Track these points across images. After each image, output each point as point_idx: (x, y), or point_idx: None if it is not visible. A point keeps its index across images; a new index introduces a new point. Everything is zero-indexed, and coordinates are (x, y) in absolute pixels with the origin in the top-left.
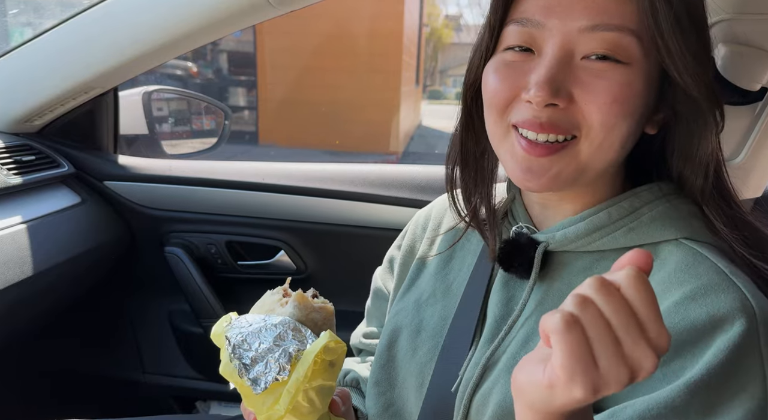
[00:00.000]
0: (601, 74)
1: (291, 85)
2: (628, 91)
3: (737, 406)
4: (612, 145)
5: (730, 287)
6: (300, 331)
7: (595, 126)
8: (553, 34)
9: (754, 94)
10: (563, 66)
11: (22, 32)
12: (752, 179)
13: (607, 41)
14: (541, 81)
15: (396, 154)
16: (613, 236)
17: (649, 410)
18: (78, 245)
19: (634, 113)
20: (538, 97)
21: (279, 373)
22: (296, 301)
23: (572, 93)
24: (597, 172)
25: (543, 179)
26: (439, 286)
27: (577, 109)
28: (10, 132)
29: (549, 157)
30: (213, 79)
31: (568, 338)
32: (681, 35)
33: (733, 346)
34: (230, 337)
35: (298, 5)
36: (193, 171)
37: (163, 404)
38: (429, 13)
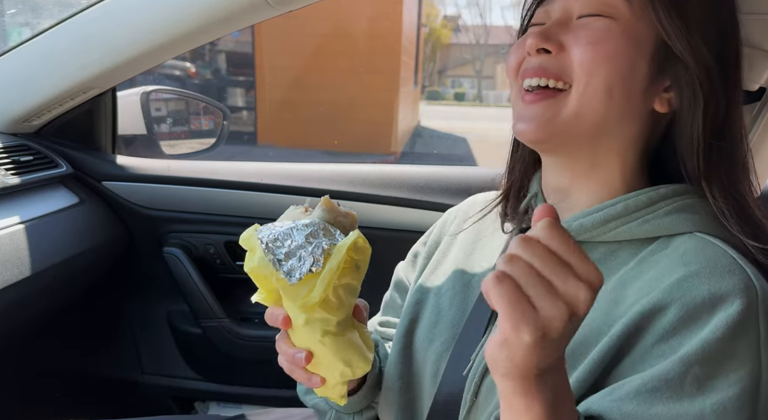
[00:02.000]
0: (586, 25)
1: (289, 86)
2: (606, 36)
3: (732, 383)
4: (596, 91)
5: (736, 269)
6: (329, 230)
7: (576, 69)
8: (557, 5)
9: (753, 94)
10: (560, 25)
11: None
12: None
13: (595, 1)
14: (537, 32)
15: (394, 155)
16: (629, 227)
17: (644, 384)
18: (76, 246)
19: (614, 59)
20: (531, 44)
21: (313, 265)
22: (324, 205)
23: (562, 41)
24: (590, 124)
25: (533, 124)
26: (459, 279)
27: (565, 56)
28: (8, 132)
29: (541, 102)
30: (211, 80)
31: (501, 290)
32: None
33: (732, 324)
34: (262, 237)
35: (297, 5)
36: (191, 171)
37: (162, 405)
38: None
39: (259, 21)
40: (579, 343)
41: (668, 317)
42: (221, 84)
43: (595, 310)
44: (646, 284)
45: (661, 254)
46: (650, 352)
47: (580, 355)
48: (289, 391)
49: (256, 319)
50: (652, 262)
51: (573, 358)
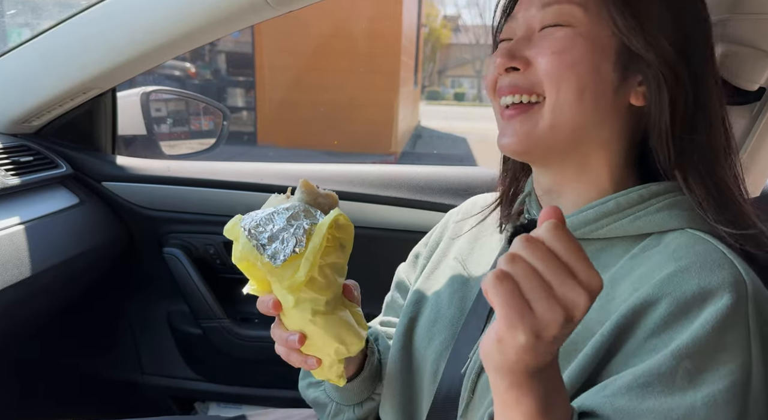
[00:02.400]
0: (548, 35)
1: (289, 86)
2: (566, 43)
3: (723, 376)
4: (567, 99)
5: (725, 264)
6: (310, 211)
7: (545, 80)
8: (521, 19)
9: (752, 94)
10: (524, 40)
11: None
12: (750, 179)
13: (553, 12)
14: (503, 51)
15: (394, 155)
16: (620, 224)
17: (636, 379)
18: (76, 246)
19: (579, 66)
20: (499, 63)
21: (296, 246)
22: (303, 187)
23: (527, 57)
24: (568, 131)
25: (513, 138)
26: (458, 278)
27: (534, 71)
28: (8, 133)
29: (517, 117)
30: (211, 80)
31: (501, 290)
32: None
33: (722, 318)
34: (245, 224)
35: (297, 5)
36: (191, 172)
37: (162, 405)
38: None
39: (259, 21)
40: (571, 340)
41: (659, 312)
42: (221, 84)
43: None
44: (637, 280)
45: (652, 251)
46: (642, 346)
47: (572, 351)
48: (289, 392)
49: (256, 320)
50: (643, 258)
51: (565, 354)
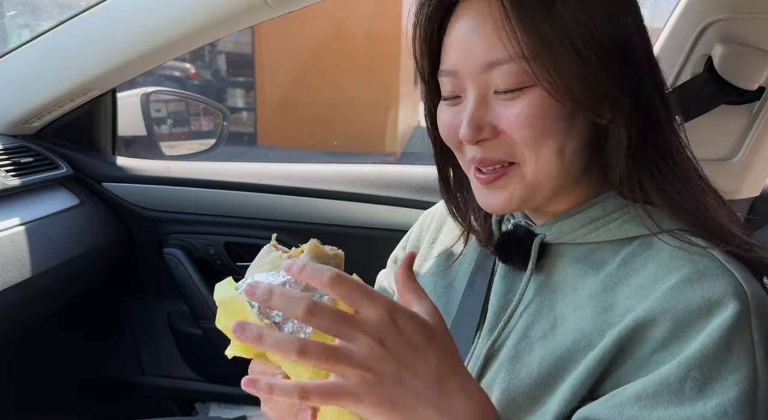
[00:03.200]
0: (508, 103)
1: (289, 86)
2: (536, 111)
3: (731, 385)
4: (549, 160)
5: (724, 273)
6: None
7: (522, 147)
8: (466, 80)
9: (752, 93)
10: (481, 105)
11: (20, 34)
12: (750, 178)
13: (504, 74)
14: (465, 123)
15: (394, 155)
16: (608, 228)
17: (644, 389)
18: (76, 247)
19: (554, 127)
20: (466, 137)
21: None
22: (311, 252)
23: (495, 125)
24: (554, 185)
25: (498, 201)
26: (440, 282)
27: (504, 136)
28: (9, 134)
29: (496, 181)
30: (211, 81)
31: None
32: (550, 60)
33: (727, 328)
34: (268, 314)
35: (296, 6)
36: (191, 172)
37: (162, 406)
38: None
39: (259, 22)
40: (569, 350)
41: (666, 326)
42: (221, 85)
43: (585, 315)
44: (639, 290)
45: (645, 256)
46: (649, 359)
47: (572, 360)
48: None
49: None
50: (638, 264)
51: (565, 363)
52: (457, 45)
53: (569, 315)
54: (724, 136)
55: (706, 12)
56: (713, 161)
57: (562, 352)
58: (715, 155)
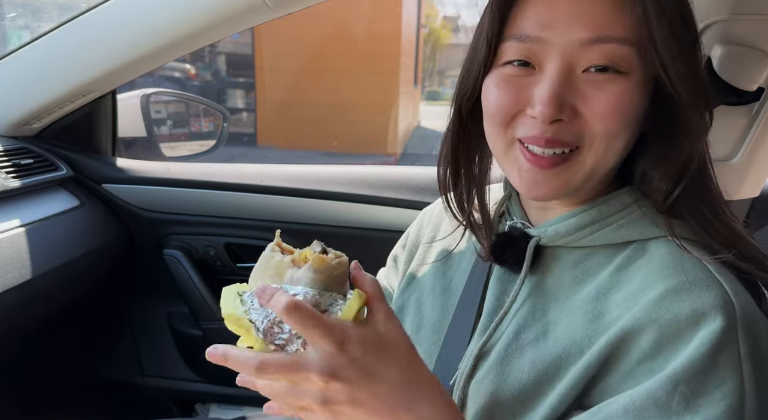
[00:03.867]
0: (602, 86)
1: (289, 87)
2: (628, 101)
3: (719, 400)
4: (615, 152)
5: (714, 284)
6: (326, 298)
7: (598, 136)
8: (554, 50)
9: (751, 94)
10: (565, 81)
11: (20, 35)
12: (749, 179)
13: (606, 53)
14: (546, 98)
15: (394, 156)
16: (603, 232)
17: (632, 402)
18: (76, 248)
19: (634, 121)
20: (544, 114)
21: None
22: (315, 266)
23: (576, 106)
24: (601, 177)
25: (549, 189)
26: (438, 282)
27: (580, 122)
28: (9, 135)
29: (555, 168)
30: (211, 81)
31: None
32: (675, 44)
33: (714, 341)
34: (255, 321)
35: (296, 7)
36: (191, 173)
37: (162, 407)
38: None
39: (259, 23)
40: (560, 356)
41: (653, 335)
42: (221, 86)
43: (576, 322)
44: (629, 297)
45: (639, 263)
46: (637, 369)
47: (562, 366)
48: None
49: None
50: (631, 271)
51: (555, 370)
52: (552, 11)
53: (561, 321)
54: (724, 137)
55: (706, 13)
56: (713, 162)
57: (552, 358)
58: (715, 155)
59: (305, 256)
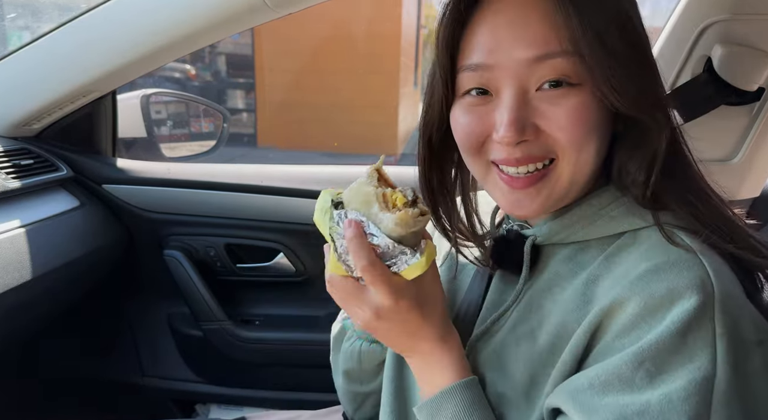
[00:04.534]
0: (557, 101)
1: (289, 88)
2: (585, 111)
3: (682, 375)
4: (587, 160)
5: (695, 265)
6: (404, 252)
7: (567, 147)
8: (505, 74)
9: (752, 94)
10: (522, 103)
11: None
12: (750, 179)
13: (553, 68)
14: (507, 122)
15: (394, 156)
16: (596, 225)
17: (597, 377)
18: (77, 249)
19: (597, 128)
20: (506, 138)
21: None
22: (398, 220)
23: (537, 125)
24: (583, 182)
25: (533, 206)
26: (445, 274)
27: (545, 137)
28: (9, 136)
29: (534, 186)
30: (211, 82)
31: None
32: (606, 57)
33: (686, 319)
34: (336, 241)
35: (296, 8)
36: (191, 174)
37: (162, 407)
38: (427, 14)
39: (259, 23)
40: (553, 343)
41: (628, 312)
42: (221, 86)
43: (567, 310)
44: (614, 281)
45: (628, 250)
46: (611, 346)
47: (555, 353)
48: (290, 394)
49: (256, 321)
50: (620, 258)
51: (550, 355)
52: (494, 37)
53: (554, 311)
54: (724, 137)
55: (706, 13)
56: (713, 162)
57: (546, 348)
58: (715, 156)
59: (395, 199)
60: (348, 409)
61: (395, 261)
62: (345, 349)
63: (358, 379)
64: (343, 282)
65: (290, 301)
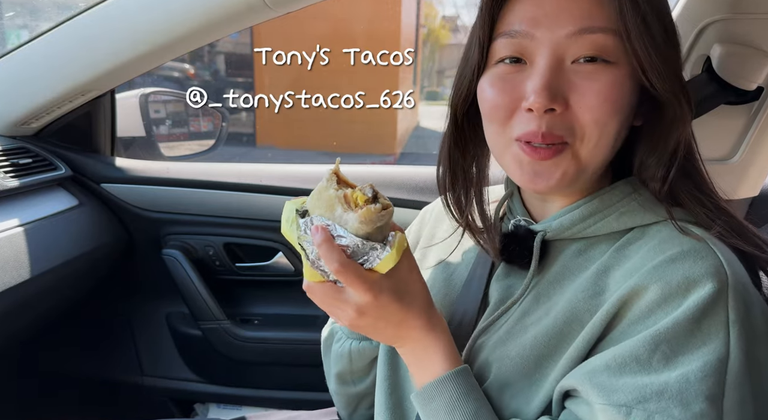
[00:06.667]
0: (591, 76)
1: (288, 87)
2: (617, 90)
3: (697, 357)
4: (606, 142)
5: (709, 255)
6: (374, 247)
7: (589, 126)
8: (542, 43)
9: (751, 93)
10: (556, 72)
11: (19, 35)
12: (749, 178)
13: (593, 43)
14: (539, 88)
15: (394, 155)
16: (606, 221)
17: (614, 358)
18: (75, 248)
19: (623, 110)
20: (538, 103)
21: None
22: (362, 218)
23: (567, 97)
24: (596, 169)
25: (551, 180)
26: (440, 275)
27: (571, 114)
28: (7, 135)
29: (553, 158)
30: (210, 81)
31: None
32: (648, 36)
33: (702, 305)
34: (306, 249)
35: (295, 7)
36: (190, 173)
37: (162, 407)
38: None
39: (258, 22)
40: (561, 331)
41: (645, 300)
42: (220, 85)
43: (578, 299)
44: (627, 273)
45: (639, 243)
46: (626, 331)
47: (564, 342)
48: (290, 393)
49: (255, 321)
50: (631, 250)
51: (556, 343)
52: (540, 6)
53: (564, 301)
54: (723, 137)
55: (705, 12)
56: (712, 161)
57: (554, 333)
58: (714, 155)
59: (356, 198)
60: (343, 414)
61: (367, 257)
62: (335, 350)
63: (351, 379)
64: (321, 287)
65: (289, 301)
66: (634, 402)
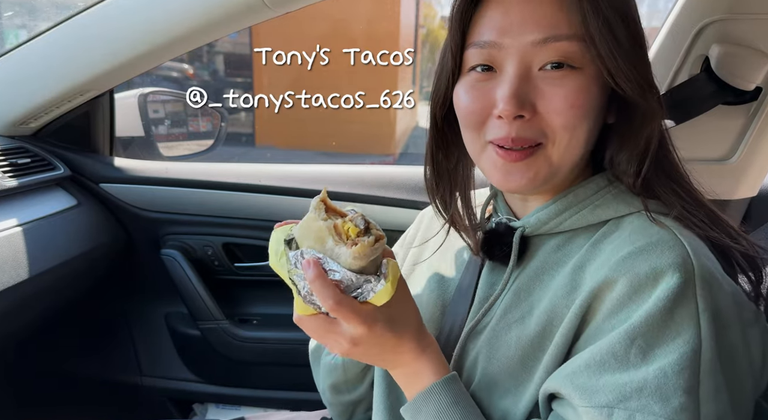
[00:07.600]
0: (558, 82)
1: (287, 87)
2: (584, 94)
3: (672, 350)
4: (577, 144)
5: (676, 245)
6: (368, 280)
7: (558, 130)
8: (510, 52)
9: (749, 93)
10: (523, 79)
11: (17, 34)
12: (748, 179)
13: (558, 50)
14: (507, 96)
15: (393, 156)
16: (581, 214)
17: (593, 357)
18: (74, 248)
19: (591, 113)
20: (506, 111)
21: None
22: (356, 253)
23: (535, 104)
24: (568, 169)
25: (523, 180)
26: (435, 275)
27: (541, 119)
28: (6, 134)
29: (525, 160)
30: (209, 81)
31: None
32: (612, 40)
33: (671, 296)
34: (297, 283)
35: (294, 6)
36: (189, 173)
37: (160, 407)
38: (425, 14)
39: (257, 22)
40: (543, 330)
41: (615, 293)
42: (219, 85)
43: (557, 296)
44: (600, 265)
45: (612, 237)
46: (601, 327)
47: (545, 338)
48: (289, 393)
49: (254, 321)
50: (604, 244)
51: (540, 340)
52: (506, 17)
53: (544, 298)
54: (722, 137)
55: (703, 13)
56: (711, 161)
57: (536, 332)
58: (713, 155)
59: (347, 230)
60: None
61: (361, 291)
62: (327, 363)
63: (345, 389)
64: (314, 321)
65: (288, 300)
66: (615, 401)
